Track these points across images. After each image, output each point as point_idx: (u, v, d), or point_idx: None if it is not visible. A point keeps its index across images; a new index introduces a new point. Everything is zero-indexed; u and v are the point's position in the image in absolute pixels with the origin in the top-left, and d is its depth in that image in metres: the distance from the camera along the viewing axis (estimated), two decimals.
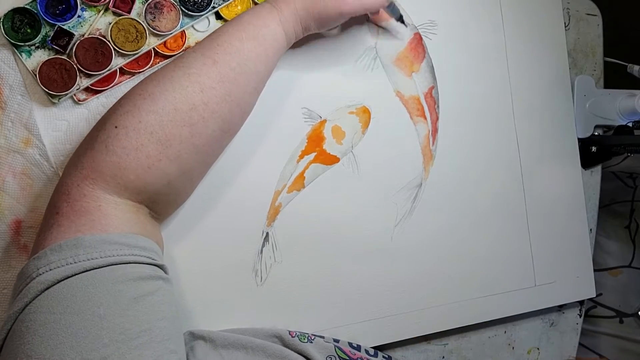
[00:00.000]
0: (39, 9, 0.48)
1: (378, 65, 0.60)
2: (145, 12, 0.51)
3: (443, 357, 0.68)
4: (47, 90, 0.48)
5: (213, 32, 0.47)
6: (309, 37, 0.56)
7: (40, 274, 0.35)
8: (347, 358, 0.52)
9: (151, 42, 0.51)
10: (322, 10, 0.49)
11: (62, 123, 0.50)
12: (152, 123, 0.40)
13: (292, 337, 0.51)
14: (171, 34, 0.52)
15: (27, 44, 0.48)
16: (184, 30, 0.52)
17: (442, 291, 0.64)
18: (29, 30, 0.48)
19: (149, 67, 0.52)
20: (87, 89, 0.50)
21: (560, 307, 0.74)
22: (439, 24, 0.62)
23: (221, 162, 0.55)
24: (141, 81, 0.44)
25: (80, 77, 0.49)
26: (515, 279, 0.67)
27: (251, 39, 0.46)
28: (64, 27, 0.49)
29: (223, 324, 0.55)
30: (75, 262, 0.35)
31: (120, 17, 0.50)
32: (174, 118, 0.41)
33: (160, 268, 0.41)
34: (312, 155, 0.58)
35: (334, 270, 0.59)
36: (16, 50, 0.48)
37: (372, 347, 0.59)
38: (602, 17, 0.75)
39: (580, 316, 0.75)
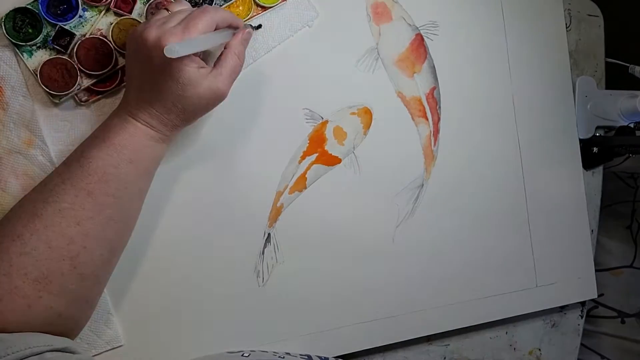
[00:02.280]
0: (40, 9, 0.47)
1: (380, 66, 0.60)
2: (146, 12, 0.51)
3: (444, 358, 0.68)
4: (48, 90, 0.48)
5: (78, 153, 0.42)
6: (310, 38, 0.56)
7: None
8: None
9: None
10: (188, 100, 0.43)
11: (64, 124, 0.50)
12: (24, 265, 0.38)
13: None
14: None
15: (28, 44, 0.48)
16: None
17: (444, 292, 0.64)
18: (30, 30, 0.48)
19: None
20: (89, 90, 0.50)
21: (562, 308, 0.74)
22: (440, 25, 0.62)
23: (222, 163, 0.55)
24: (7, 216, 0.41)
25: (82, 77, 0.49)
26: (516, 279, 0.67)
27: (127, 164, 0.42)
28: (65, 27, 0.48)
29: (224, 325, 0.55)
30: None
31: (122, 18, 0.50)
32: (49, 256, 0.39)
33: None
34: (314, 156, 0.58)
35: (335, 271, 0.59)
36: (17, 50, 0.48)
37: (373, 348, 0.59)
38: (603, 18, 0.75)
39: (582, 317, 0.75)
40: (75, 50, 0.49)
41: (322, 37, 0.58)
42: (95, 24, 0.49)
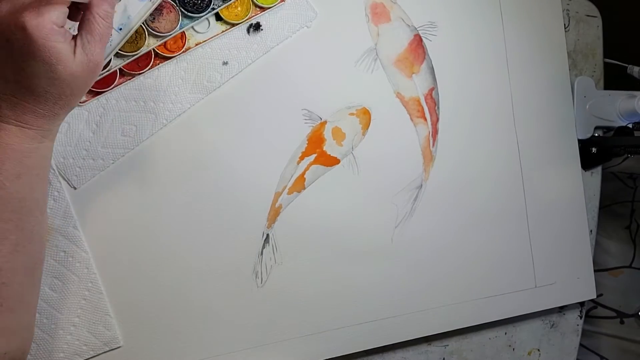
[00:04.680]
0: None
1: (378, 67, 0.60)
2: None
3: (444, 359, 0.68)
4: None
5: None
6: (309, 39, 0.56)
7: None
8: None
9: (151, 43, 0.51)
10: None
11: (63, 125, 0.50)
12: None
13: None
14: (171, 35, 0.51)
15: None
16: (183, 32, 0.52)
17: (443, 292, 0.64)
18: None
19: (149, 68, 0.52)
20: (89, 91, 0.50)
21: (561, 309, 0.74)
22: (439, 26, 0.62)
23: (221, 164, 0.55)
24: None
25: None
26: (515, 280, 0.67)
27: (14, 179, 0.37)
28: None
29: (223, 325, 0.55)
30: None
31: None
32: None
33: None
34: (313, 157, 0.58)
35: (334, 272, 0.59)
36: None
37: (372, 348, 0.59)
38: (601, 18, 0.75)
39: (581, 317, 0.75)
40: None
41: (320, 38, 0.58)
42: None
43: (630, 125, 0.72)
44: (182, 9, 0.51)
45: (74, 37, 0.37)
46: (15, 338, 0.40)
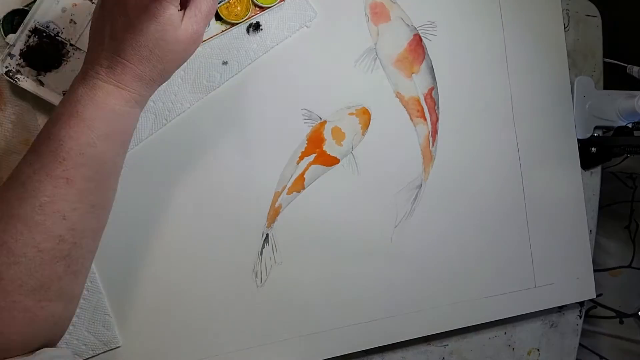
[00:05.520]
0: None
1: (378, 66, 0.60)
2: None
3: (443, 359, 0.68)
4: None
5: (45, 136, 0.37)
6: (308, 39, 0.56)
7: None
8: None
9: None
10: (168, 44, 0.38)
11: None
12: (18, 275, 0.35)
13: None
14: None
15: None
16: None
17: (442, 292, 0.64)
18: None
19: None
20: None
21: (561, 308, 0.74)
22: (438, 25, 0.62)
23: (220, 164, 0.55)
24: None
25: None
26: (515, 280, 0.67)
27: (104, 139, 0.37)
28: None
29: (222, 325, 0.55)
30: None
31: None
32: (42, 260, 0.35)
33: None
34: (312, 157, 0.58)
35: (333, 272, 0.59)
36: None
37: (372, 348, 0.59)
38: (601, 18, 0.75)
39: (581, 317, 0.75)
40: None
41: (320, 38, 0.58)
42: None
43: (629, 125, 0.72)
44: None
45: (183, 9, 0.39)
46: (71, 305, 0.40)
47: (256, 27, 0.55)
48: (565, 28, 0.71)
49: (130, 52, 0.37)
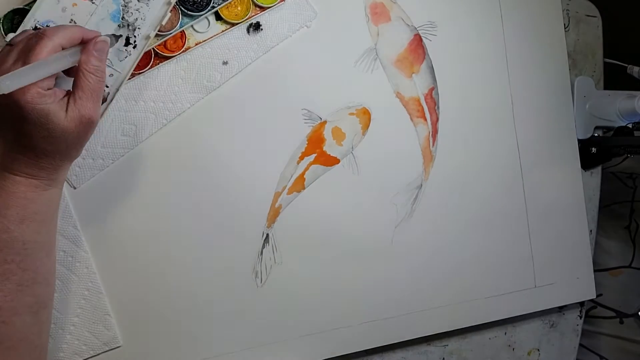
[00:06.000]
0: None
1: (378, 67, 0.60)
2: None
3: (443, 359, 0.68)
4: None
5: None
6: (308, 39, 0.56)
7: None
8: None
9: (150, 43, 0.51)
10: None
11: None
12: None
13: None
14: (170, 34, 0.51)
15: None
16: (183, 31, 0.52)
17: (442, 293, 0.64)
18: None
19: (149, 68, 0.52)
20: None
21: (561, 308, 0.74)
22: (438, 26, 0.62)
23: (220, 164, 0.55)
24: None
25: None
26: (515, 280, 0.67)
27: (18, 224, 0.39)
28: None
29: (222, 325, 0.55)
30: None
31: None
32: None
33: None
34: (312, 157, 0.58)
35: (334, 272, 0.59)
36: None
37: (372, 348, 0.59)
38: (601, 18, 0.75)
39: (581, 317, 0.75)
40: None
41: (320, 38, 0.58)
42: None
43: (630, 125, 0.72)
44: (182, 8, 0.51)
45: (68, 94, 0.39)
46: None
47: (256, 27, 0.55)
48: (565, 28, 0.71)
49: (25, 151, 0.38)
